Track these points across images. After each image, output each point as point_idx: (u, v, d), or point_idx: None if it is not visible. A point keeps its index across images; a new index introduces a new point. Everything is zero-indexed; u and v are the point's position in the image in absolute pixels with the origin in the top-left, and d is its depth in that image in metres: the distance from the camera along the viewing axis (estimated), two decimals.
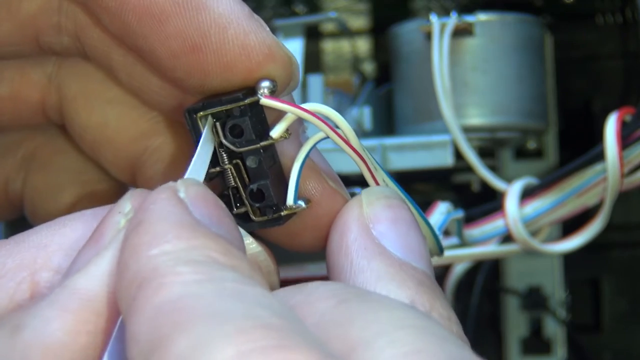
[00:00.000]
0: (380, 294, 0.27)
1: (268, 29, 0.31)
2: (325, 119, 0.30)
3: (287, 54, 0.30)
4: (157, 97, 0.33)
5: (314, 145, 0.30)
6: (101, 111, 0.35)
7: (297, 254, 0.33)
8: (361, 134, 0.56)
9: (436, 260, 0.47)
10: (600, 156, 0.44)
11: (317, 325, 0.25)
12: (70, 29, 0.33)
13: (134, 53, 0.32)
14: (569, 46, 0.62)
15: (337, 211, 0.30)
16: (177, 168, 0.33)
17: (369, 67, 0.66)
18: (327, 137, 0.30)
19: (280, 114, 0.30)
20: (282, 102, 0.29)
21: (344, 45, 0.67)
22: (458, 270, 0.58)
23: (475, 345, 0.62)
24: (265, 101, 0.29)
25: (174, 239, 0.24)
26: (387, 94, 0.60)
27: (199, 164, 0.29)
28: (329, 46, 0.67)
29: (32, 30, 0.33)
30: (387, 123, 0.59)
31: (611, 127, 0.43)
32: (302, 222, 0.31)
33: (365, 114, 0.56)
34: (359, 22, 0.67)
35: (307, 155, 0.30)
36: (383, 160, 0.54)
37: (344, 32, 0.66)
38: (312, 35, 0.65)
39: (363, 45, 0.67)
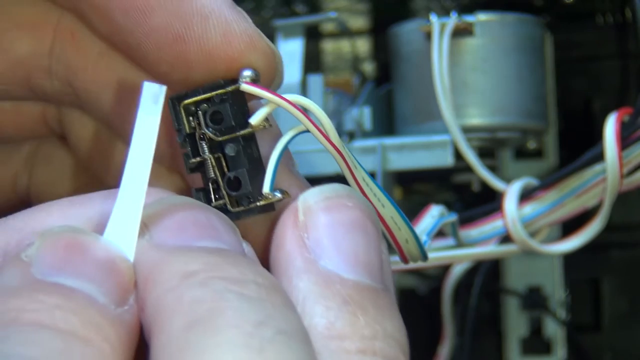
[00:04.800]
0: (231, 320, 0.25)
1: (250, 20, 0.31)
2: (306, 112, 0.30)
3: (269, 45, 0.31)
4: None
5: (295, 136, 0.30)
6: (93, 122, 0.35)
7: None
8: (361, 134, 0.56)
9: (436, 261, 0.47)
10: (599, 157, 0.44)
11: (162, 351, 0.24)
12: (61, 74, 0.34)
13: (125, 55, 0.32)
14: (569, 46, 0.61)
15: None
16: (158, 175, 0.33)
17: (369, 67, 0.66)
18: (307, 130, 0.30)
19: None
20: (263, 89, 0.30)
21: (344, 45, 0.67)
22: (457, 270, 0.58)
23: (475, 345, 0.62)
24: (245, 87, 0.30)
25: None
26: (387, 94, 0.60)
27: (142, 150, 0.28)
28: (329, 46, 0.67)
29: (23, 72, 0.34)
30: (387, 123, 0.59)
31: (610, 127, 0.43)
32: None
33: (365, 114, 0.56)
34: (359, 22, 0.66)
35: (286, 145, 0.30)
36: (383, 160, 0.54)
37: (344, 32, 0.66)
38: (312, 35, 0.65)
39: (363, 45, 0.66)
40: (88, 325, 0.24)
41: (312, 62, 0.65)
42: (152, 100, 0.28)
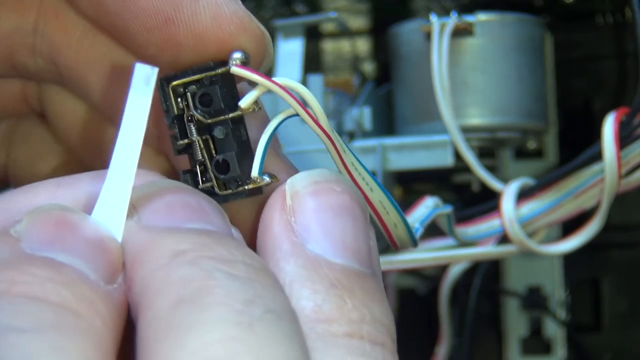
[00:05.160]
0: (219, 298, 0.24)
1: (240, 2, 0.31)
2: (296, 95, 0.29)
3: (259, 27, 0.31)
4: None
5: (284, 120, 0.30)
6: (73, 99, 0.35)
7: None
8: (361, 134, 0.56)
9: (433, 261, 0.47)
10: (597, 156, 0.44)
11: (148, 328, 0.24)
12: (45, 52, 0.33)
13: (111, 37, 0.32)
14: (569, 46, 0.61)
15: None
16: (144, 156, 0.33)
17: (369, 67, 0.66)
18: (297, 114, 0.29)
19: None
20: (253, 72, 0.29)
21: (344, 45, 0.67)
22: (455, 271, 0.58)
23: (476, 345, 0.62)
24: (235, 70, 0.29)
25: None
26: (387, 94, 0.60)
27: (132, 135, 0.28)
28: (329, 46, 0.67)
29: (6, 48, 0.33)
30: (387, 123, 0.59)
31: (609, 127, 0.43)
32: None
33: (365, 114, 0.56)
34: (359, 22, 0.67)
35: (275, 129, 0.30)
36: (383, 160, 0.54)
37: (344, 32, 0.66)
38: (312, 35, 0.65)
39: (363, 45, 0.67)
40: (79, 299, 0.24)
41: (312, 62, 0.65)
42: (143, 81, 0.28)
